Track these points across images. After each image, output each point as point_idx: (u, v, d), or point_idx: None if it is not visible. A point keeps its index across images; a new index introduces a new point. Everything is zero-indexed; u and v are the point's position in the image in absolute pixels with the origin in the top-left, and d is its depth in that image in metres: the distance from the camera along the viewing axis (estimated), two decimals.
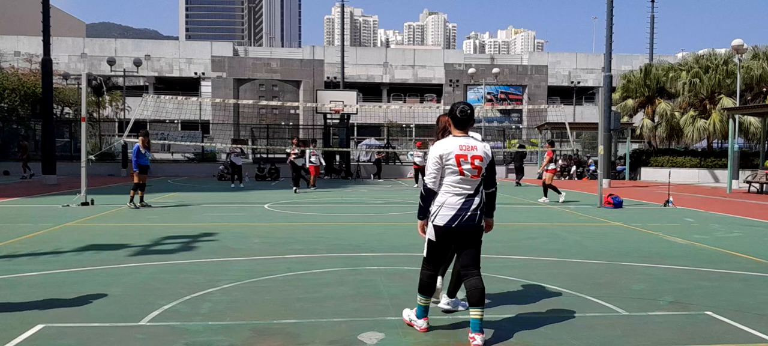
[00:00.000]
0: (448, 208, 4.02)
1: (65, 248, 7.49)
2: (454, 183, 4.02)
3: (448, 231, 4.03)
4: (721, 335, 4.24)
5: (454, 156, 3.99)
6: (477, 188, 4.07)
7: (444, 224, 4.02)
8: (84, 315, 4.53)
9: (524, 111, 46.63)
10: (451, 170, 4.01)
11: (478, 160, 4.01)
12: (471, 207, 4.03)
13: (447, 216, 4.01)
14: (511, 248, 8.00)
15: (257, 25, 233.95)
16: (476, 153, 4.02)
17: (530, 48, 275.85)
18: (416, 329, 4.24)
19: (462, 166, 3.99)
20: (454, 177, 4.01)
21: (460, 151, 3.99)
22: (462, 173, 3.99)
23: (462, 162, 3.99)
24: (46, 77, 22.23)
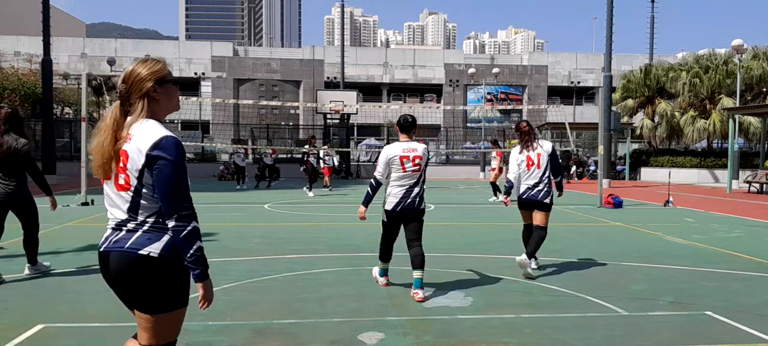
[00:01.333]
0: (394, 197, 5.18)
1: (65, 248, 7.49)
2: (398, 178, 5.18)
3: (395, 214, 5.21)
4: (721, 335, 4.24)
5: (399, 157, 5.14)
6: (417, 180, 5.18)
7: (391, 209, 5.20)
8: (84, 315, 4.53)
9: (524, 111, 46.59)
10: (396, 168, 5.16)
11: (418, 159, 5.16)
12: (411, 195, 5.16)
13: (393, 203, 5.19)
14: (511, 248, 7.99)
15: (257, 25, 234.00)
16: (417, 154, 5.17)
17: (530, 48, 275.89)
18: (380, 284, 5.52)
19: (405, 165, 5.13)
20: (398, 173, 5.17)
21: (402, 153, 5.15)
22: (404, 170, 5.14)
23: (405, 162, 5.14)
24: (46, 77, 22.25)
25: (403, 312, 4.69)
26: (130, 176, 2.22)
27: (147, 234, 2.23)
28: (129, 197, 2.24)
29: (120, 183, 2.26)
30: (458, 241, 8.51)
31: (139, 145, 2.21)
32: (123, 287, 2.28)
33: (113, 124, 2.29)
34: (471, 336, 4.12)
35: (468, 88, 49.12)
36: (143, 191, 2.23)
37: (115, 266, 2.25)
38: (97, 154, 2.28)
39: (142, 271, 2.20)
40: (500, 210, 13.55)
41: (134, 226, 2.25)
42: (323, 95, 29.09)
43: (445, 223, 10.92)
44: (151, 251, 2.20)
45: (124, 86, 2.33)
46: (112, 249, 2.26)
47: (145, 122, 2.28)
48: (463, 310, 4.80)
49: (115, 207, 2.30)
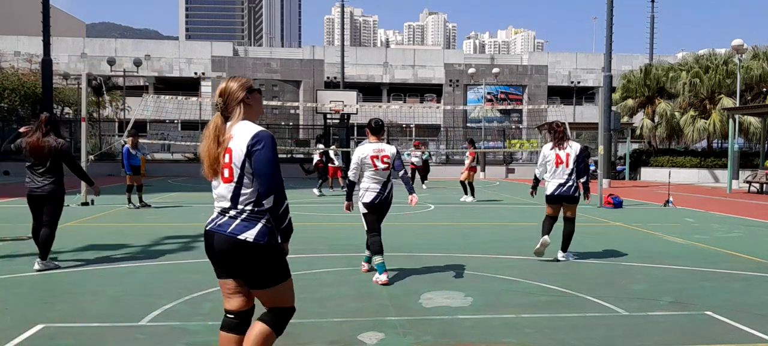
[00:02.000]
0: (372, 191, 5.84)
1: (65, 248, 7.48)
2: (371, 175, 5.83)
3: (373, 205, 5.84)
4: (721, 335, 4.24)
5: (370, 157, 5.79)
6: (388, 176, 5.89)
7: (370, 202, 5.83)
8: (84, 315, 4.53)
9: (524, 111, 46.60)
10: (368, 167, 5.80)
11: (386, 158, 5.84)
12: (386, 190, 5.89)
13: (371, 196, 5.83)
14: (511, 248, 8.00)
15: (257, 25, 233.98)
16: (385, 153, 5.85)
17: (530, 48, 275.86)
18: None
19: (376, 164, 5.79)
20: (370, 171, 5.81)
21: (373, 153, 5.81)
22: (376, 168, 5.79)
23: (375, 161, 5.79)
24: (46, 77, 22.27)
25: (403, 312, 4.69)
26: (234, 169, 2.70)
27: (244, 222, 2.69)
28: (232, 188, 2.71)
29: (225, 177, 2.73)
30: (458, 241, 8.51)
31: (241, 141, 2.70)
32: (225, 264, 2.77)
33: (215, 130, 2.77)
34: (471, 336, 4.12)
35: (468, 88, 49.10)
36: (244, 181, 2.70)
37: (218, 246, 2.74)
38: (205, 156, 2.78)
39: (241, 253, 2.68)
40: (500, 210, 13.56)
41: (235, 213, 2.71)
42: (323, 95, 29.10)
43: (445, 223, 10.92)
44: (247, 236, 2.67)
45: (220, 100, 2.82)
46: (217, 231, 2.75)
47: (242, 123, 2.78)
48: (463, 310, 4.80)
49: (221, 198, 2.77)
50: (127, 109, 33.85)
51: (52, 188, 6.20)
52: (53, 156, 6.15)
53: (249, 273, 2.74)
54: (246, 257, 2.69)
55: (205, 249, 2.85)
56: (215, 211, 2.81)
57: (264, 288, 2.77)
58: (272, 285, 2.77)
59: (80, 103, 15.04)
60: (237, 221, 2.70)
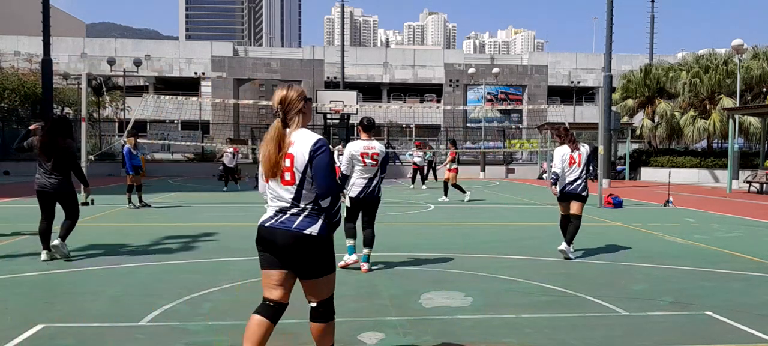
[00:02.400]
0: (357, 186, 6.22)
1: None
2: (360, 170, 6.20)
3: (358, 200, 6.24)
4: (721, 335, 4.24)
5: (360, 153, 6.17)
6: (376, 173, 6.23)
7: (355, 196, 6.22)
8: (84, 315, 4.53)
9: (524, 111, 46.60)
10: (358, 163, 6.18)
11: (376, 155, 6.20)
12: (371, 185, 6.24)
13: (356, 191, 6.21)
14: (511, 248, 8.00)
15: (257, 25, 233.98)
16: (374, 151, 6.21)
17: (530, 48, 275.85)
18: (350, 262, 6.23)
19: (365, 160, 6.15)
20: (360, 167, 6.19)
21: (363, 150, 6.18)
22: (365, 164, 6.16)
23: (365, 157, 6.16)
24: (46, 77, 22.27)
25: (403, 312, 4.69)
26: (296, 173, 2.97)
27: (307, 219, 3.00)
28: (294, 189, 2.99)
29: (286, 179, 2.99)
30: (458, 241, 8.51)
31: (303, 147, 2.96)
32: (289, 257, 3.03)
33: (277, 135, 3.01)
34: (471, 336, 4.12)
35: (468, 88, 49.09)
36: (305, 184, 2.98)
37: (283, 241, 3.00)
38: (266, 160, 3.01)
39: (304, 246, 2.99)
40: (500, 210, 13.56)
41: (297, 211, 2.99)
42: (323, 95, 29.10)
43: (445, 223, 10.92)
44: (311, 231, 2.99)
45: (280, 107, 3.07)
46: (279, 228, 3.01)
47: (301, 131, 3.04)
48: (463, 310, 4.79)
49: (279, 199, 3.04)
50: (127, 109, 33.81)
51: (60, 184, 6.61)
52: (58, 154, 6.56)
53: (307, 264, 3.05)
54: (308, 249, 3.00)
55: (259, 243, 3.12)
56: (271, 209, 3.08)
57: (317, 277, 3.10)
58: (324, 274, 3.12)
59: (80, 103, 15.04)
60: (300, 218, 3.00)
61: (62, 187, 6.64)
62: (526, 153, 35.81)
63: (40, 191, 6.62)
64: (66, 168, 6.65)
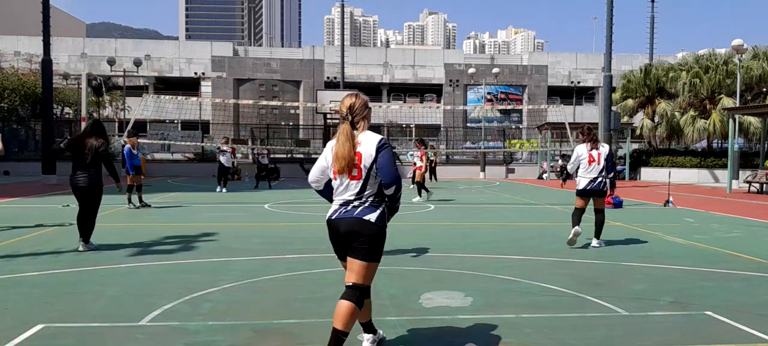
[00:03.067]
0: None
1: (65, 248, 7.49)
2: None
3: None
4: (721, 335, 4.24)
5: None
6: None
7: None
8: (84, 315, 4.53)
9: (524, 111, 46.62)
10: None
11: None
12: None
13: None
14: (511, 248, 8.00)
15: (257, 25, 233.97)
16: None
17: (530, 48, 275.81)
18: None
19: None
20: None
21: None
22: None
23: None
24: (46, 77, 22.23)
25: (403, 312, 4.69)
26: (363, 170, 3.45)
27: (368, 208, 3.46)
28: (359, 184, 3.47)
29: (353, 175, 3.46)
30: (458, 241, 8.51)
31: (369, 146, 3.45)
32: (350, 240, 3.46)
33: (350, 136, 3.46)
34: (471, 336, 4.12)
35: (468, 88, 49.12)
36: (370, 179, 3.46)
37: (346, 227, 3.45)
38: (341, 158, 3.43)
39: (363, 229, 3.42)
40: (500, 210, 13.55)
41: (360, 202, 3.47)
42: (323, 95, 29.12)
43: (445, 223, 10.91)
44: (371, 218, 3.44)
45: (349, 112, 3.51)
46: (343, 217, 3.47)
47: (366, 133, 3.52)
48: (463, 310, 4.79)
49: (346, 192, 3.49)
50: (127, 109, 33.85)
51: (90, 179, 7.34)
52: (93, 154, 7.32)
53: (362, 246, 3.45)
54: (365, 233, 3.43)
55: (330, 237, 3.57)
56: (336, 203, 3.54)
57: (367, 261, 3.47)
58: (372, 260, 3.49)
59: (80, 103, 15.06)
60: (361, 207, 3.47)
61: (92, 181, 7.36)
62: (526, 153, 35.81)
63: (74, 186, 7.38)
64: (97, 165, 7.40)
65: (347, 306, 3.45)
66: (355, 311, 3.48)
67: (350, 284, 3.51)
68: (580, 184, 7.95)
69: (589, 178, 7.84)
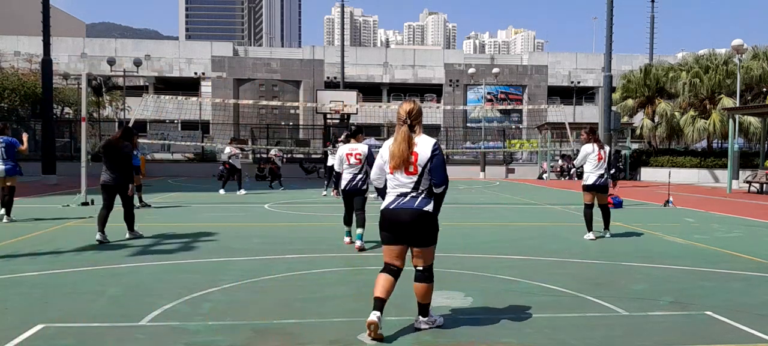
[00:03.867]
0: (344, 180, 7.81)
1: (65, 248, 7.48)
2: (347, 168, 7.78)
3: (345, 191, 7.81)
4: (721, 335, 4.24)
5: (346, 154, 7.79)
6: (360, 169, 7.70)
7: (343, 188, 7.86)
8: (84, 315, 4.53)
9: (524, 111, 46.61)
10: (345, 161, 7.78)
11: (359, 155, 7.72)
12: (355, 179, 7.71)
13: (343, 184, 7.84)
14: (511, 248, 7.99)
15: (257, 25, 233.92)
16: (358, 152, 7.76)
17: (530, 48, 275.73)
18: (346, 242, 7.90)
19: (349, 160, 7.74)
20: (346, 165, 7.77)
21: (348, 151, 7.79)
22: (349, 163, 7.74)
23: (349, 158, 7.74)
24: (46, 77, 22.23)
25: (403, 312, 4.68)
26: (418, 167, 4.03)
27: (424, 200, 4.06)
28: (415, 179, 4.05)
29: (409, 171, 4.05)
30: (458, 241, 8.51)
31: (425, 148, 4.04)
32: (410, 229, 4.05)
33: (407, 138, 4.03)
34: (471, 336, 4.12)
35: (468, 88, 49.11)
36: (424, 175, 4.04)
37: (407, 217, 4.04)
38: (397, 155, 4.03)
39: (422, 219, 4.04)
40: (500, 210, 13.55)
41: (415, 195, 4.06)
42: (323, 95, 29.10)
43: (445, 223, 10.89)
44: (427, 208, 4.06)
45: (408, 116, 4.06)
46: (403, 207, 4.05)
47: (422, 136, 4.11)
48: (463, 310, 4.79)
49: (401, 185, 4.08)
50: (127, 109, 33.82)
51: (116, 179, 8.15)
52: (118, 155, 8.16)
53: (421, 234, 4.06)
54: (424, 222, 4.04)
55: (384, 224, 4.12)
56: (392, 195, 4.12)
57: (426, 246, 4.10)
58: (431, 244, 4.14)
59: (80, 103, 15.03)
60: (418, 199, 4.05)
61: (119, 182, 8.15)
62: (526, 153, 35.80)
63: (103, 185, 8.19)
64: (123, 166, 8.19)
65: (423, 286, 4.15)
66: (430, 287, 4.17)
67: (420, 268, 4.13)
68: (588, 180, 8.67)
69: (597, 174, 8.61)
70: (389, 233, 4.11)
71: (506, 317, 4.58)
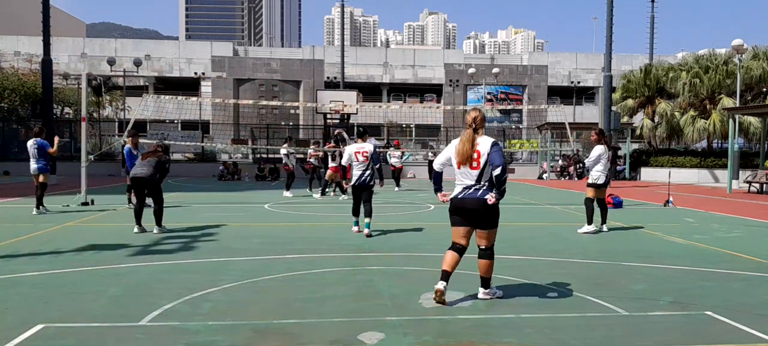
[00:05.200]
0: (354, 176, 8.89)
1: (65, 248, 7.48)
2: (355, 165, 8.85)
3: (355, 186, 8.88)
4: (721, 335, 4.24)
5: (354, 152, 8.86)
6: (367, 166, 8.82)
7: (353, 183, 8.93)
8: (84, 315, 4.53)
9: (524, 111, 46.59)
10: (353, 159, 8.84)
11: (365, 153, 8.83)
12: (364, 175, 8.83)
13: (353, 180, 8.92)
14: (511, 248, 7.99)
15: (257, 25, 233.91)
16: (364, 150, 8.84)
17: (530, 48, 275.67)
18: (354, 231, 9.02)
19: (357, 158, 8.82)
20: (355, 162, 8.84)
21: (356, 150, 8.87)
22: (357, 160, 8.82)
23: (357, 155, 8.83)
24: (46, 77, 22.25)
25: (403, 312, 4.69)
26: (481, 162, 4.85)
27: (486, 191, 4.87)
28: (478, 173, 4.87)
29: (473, 166, 4.87)
30: None
31: (485, 146, 4.85)
32: (474, 216, 4.91)
33: (471, 139, 4.89)
34: (471, 336, 4.12)
35: (468, 88, 49.10)
36: (485, 169, 4.85)
37: (472, 206, 4.88)
38: (462, 153, 4.90)
39: (486, 208, 4.86)
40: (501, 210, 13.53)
41: (479, 186, 4.89)
42: (323, 95, 29.10)
43: (445, 223, 10.90)
44: (488, 198, 4.83)
45: (473, 122, 4.93)
46: (468, 197, 4.90)
47: (484, 137, 4.93)
48: (463, 310, 4.80)
49: (468, 178, 4.91)
50: (127, 109, 33.84)
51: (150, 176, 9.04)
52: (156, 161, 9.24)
53: (486, 219, 4.91)
54: (488, 210, 4.87)
55: (454, 210, 4.99)
56: (459, 187, 4.97)
57: (490, 229, 4.96)
58: (494, 227, 4.99)
59: (80, 103, 15.04)
60: (480, 190, 4.87)
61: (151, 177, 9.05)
62: (526, 153, 35.77)
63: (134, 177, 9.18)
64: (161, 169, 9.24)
65: (486, 263, 5.02)
66: (492, 263, 5.04)
67: (483, 247, 5.00)
68: (600, 179, 9.47)
69: (607, 173, 9.56)
70: (457, 217, 4.96)
71: (506, 317, 4.59)
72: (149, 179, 8.98)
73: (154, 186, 9.05)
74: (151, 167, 9.04)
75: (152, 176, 9.00)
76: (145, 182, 9.00)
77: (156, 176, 9.06)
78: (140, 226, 8.89)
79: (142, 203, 9.07)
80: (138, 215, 8.94)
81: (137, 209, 8.99)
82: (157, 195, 9.06)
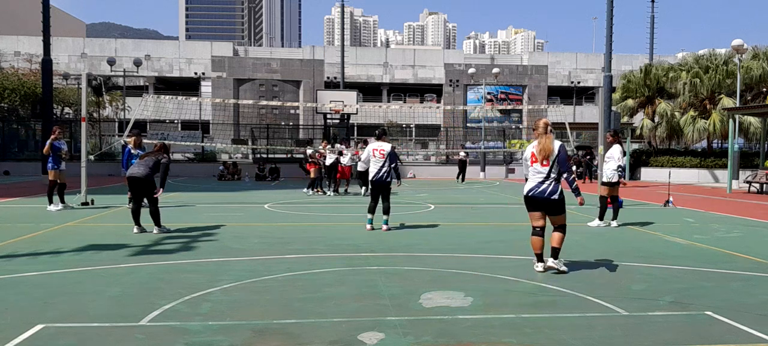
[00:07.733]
0: (372, 172, 9.50)
1: (65, 248, 7.48)
2: (373, 162, 9.51)
3: (373, 182, 9.52)
4: (721, 335, 4.24)
5: (372, 150, 9.54)
6: (383, 164, 9.38)
7: (371, 180, 9.55)
8: (84, 315, 4.53)
9: (524, 111, 46.58)
10: (372, 157, 9.53)
11: (382, 152, 9.42)
12: (381, 172, 9.38)
13: (371, 175, 9.54)
14: (511, 248, 7.99)
15: (257, 25, 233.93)
16: (382, 149, 9.46)
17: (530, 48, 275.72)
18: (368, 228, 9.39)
19: (375, 155, 9.48)
20: (373, 159, 9.51)
21: (375, 147, 9.54)
22: (375, 157, 9.48)
23: (376, 153, 9.48)
24: (46, 77, 22.27)
25: (403, 312, 4.69)
26: (550, 160, 6.07)
27: (554, 186, 6.08)
28: (547, 170, 6.08)
29: (544, 163, 6.07)
30: (458, 241, 8.51)
31: (557, 146, 6.09)
32: (545, 205, 6.14)
33: (548, 141, 6.08)
34: (471, 336, 4.12)
35: (468, 88, 49.07)
36: (553, 166, 6.05)
37: (542, 198, 6.09)
38: (542, 151, 6.08)
39: (554, 200, 6.09)
40: (501, 210, 13.55)
41: (548, 182, 6.08)
42: (323, 95, 29.09)
43: (445, 223, 10.91)
44: (557, 193, 6.08)
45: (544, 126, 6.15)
46: (540, 190, 6.08)
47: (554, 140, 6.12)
48: (463, 310, 4.79)
49: (540, 174, 6.09)
50: (127, 109, 33.83)
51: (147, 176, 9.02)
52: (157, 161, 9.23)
53: (554, 208, 6.13)
54: (556, 201, 6.10)
55: (528, 201, 6.23)
56: (533, 182, 6.14)
57: (559, 215, 6.18)
58: (562, 213, 6.20)
59: (80, 103, 15.04)
60: (550, 187, 6.08)
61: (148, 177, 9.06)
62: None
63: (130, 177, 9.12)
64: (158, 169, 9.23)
65: (558, 235, 6.19)
66: (563, 236, 6.21)
67: (557, 225, 6.17)
68: (613, 178, 10.23)
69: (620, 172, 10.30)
70: (532, 206, 6.18)
71: (506, 317, 4.59)
72: (145, 179, 8.96)
73: (150, 186, 9.03)
74: (147, 167, 9.01)
75: (148, 175, 8.98)
76: (141, 182, 8.98)
77: (152, 176, 9.05)
78: (139, 226, 8.89)
79: (139, 203, 9.06)
80: (135, 215, 8.94)
81: (134, 210, 9.00)
82: (151, 196, 9.06)
